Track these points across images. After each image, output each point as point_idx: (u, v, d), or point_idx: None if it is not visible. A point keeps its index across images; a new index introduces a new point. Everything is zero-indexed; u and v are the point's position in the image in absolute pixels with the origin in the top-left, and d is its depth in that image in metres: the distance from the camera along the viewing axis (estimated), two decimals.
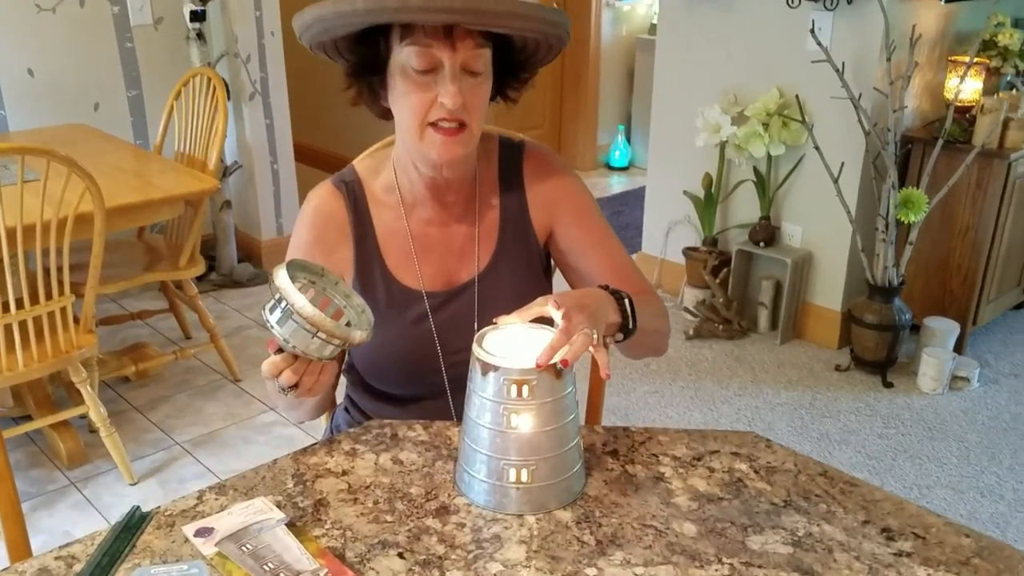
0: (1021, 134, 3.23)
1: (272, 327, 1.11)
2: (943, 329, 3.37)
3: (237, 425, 3.07)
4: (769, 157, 3.47)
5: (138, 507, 1.13)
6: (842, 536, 1.06)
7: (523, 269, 1.42)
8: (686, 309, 3.82)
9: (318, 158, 5.56)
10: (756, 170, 3.54)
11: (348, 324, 1.19)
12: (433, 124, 1.23)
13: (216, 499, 1.15)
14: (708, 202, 3.67)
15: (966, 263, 3.39)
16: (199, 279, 3.16)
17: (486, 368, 1.07)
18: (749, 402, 3.24)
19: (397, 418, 1.37)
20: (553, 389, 1.07)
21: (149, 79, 3.88)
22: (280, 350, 1.14)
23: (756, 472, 1.18)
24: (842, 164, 3.26)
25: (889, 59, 3.09)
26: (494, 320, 1.16)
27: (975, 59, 3.27)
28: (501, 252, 1.40)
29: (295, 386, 1.14)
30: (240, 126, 4.07)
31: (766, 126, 3.40)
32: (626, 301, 1.22)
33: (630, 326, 1.21)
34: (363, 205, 1.38)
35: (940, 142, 3.15)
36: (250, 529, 1.07)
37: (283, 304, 1.09)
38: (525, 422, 1.07)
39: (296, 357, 1.14)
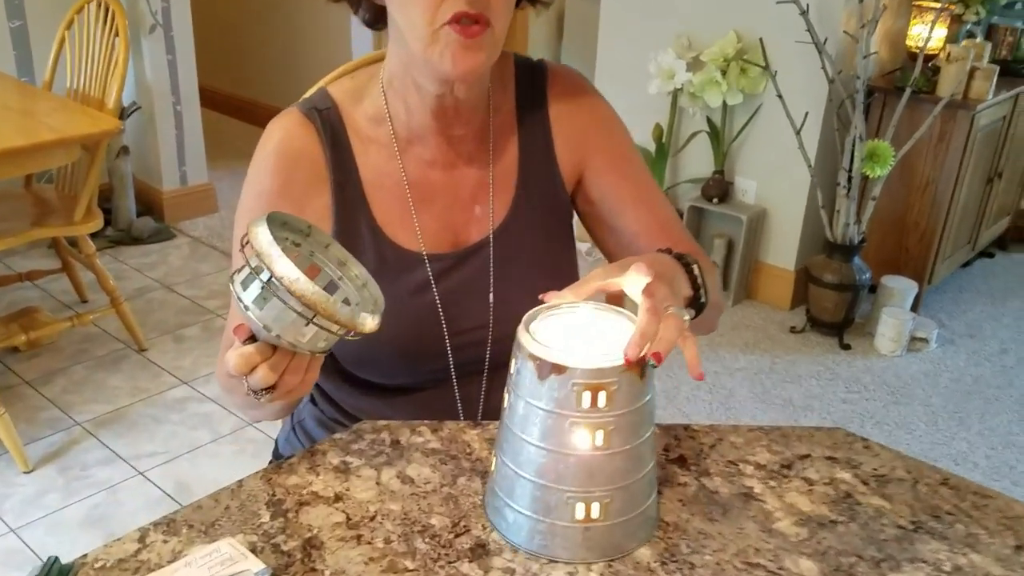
0: (985, 84, 3.09)
1: (246, 307, 0.80)
2: (901, 289, 3.24)
3: (145, 401, 2.70)
4: (725, 107, 3.25)
5: (56, 559, 0.81)
6: (998, 570, 0.83)
7: (549, 224, 1.13)
8: None
9: (225, 104, 5.08)
10: (710, 121, 3.31)
11: (347, 302, 0.88)
12: (447, 24, 0.92)
13: (164, 541, 0.84)
14: (659, 155, 3.43)
15: (925, 220, 3.26)
16: (94, 235, 2.75)
17: (546, 368, 0.78)
18: (707, 367, 3.05)
19: (384, 414, 1.07)
20: (635, 395, 0.80)
21: (34, 7, 3.38)
22: (253, 338, 0.83)
23: (864, 483, 0.94)
24: (806, 114, 3.06)
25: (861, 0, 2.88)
26: (543, 298, 0.87)
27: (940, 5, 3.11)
28: (521, 202, 1.11)
29: (272, 387, 0.84)
30: (139, 63, 3.60)
31: (723, 73, 3.17)
32: (696, 268, 0.95)
33: (702, 299, 0.94)
34: (343, 140, 1.07)
35: (908, 92, 2.97)
36: None
37: (264, 276, 0.78)
38: (598, 440, 0.79)
39: (274, 348, 0.83)
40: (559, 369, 0.78)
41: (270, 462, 1.28)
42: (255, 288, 0.79)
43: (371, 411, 1.11)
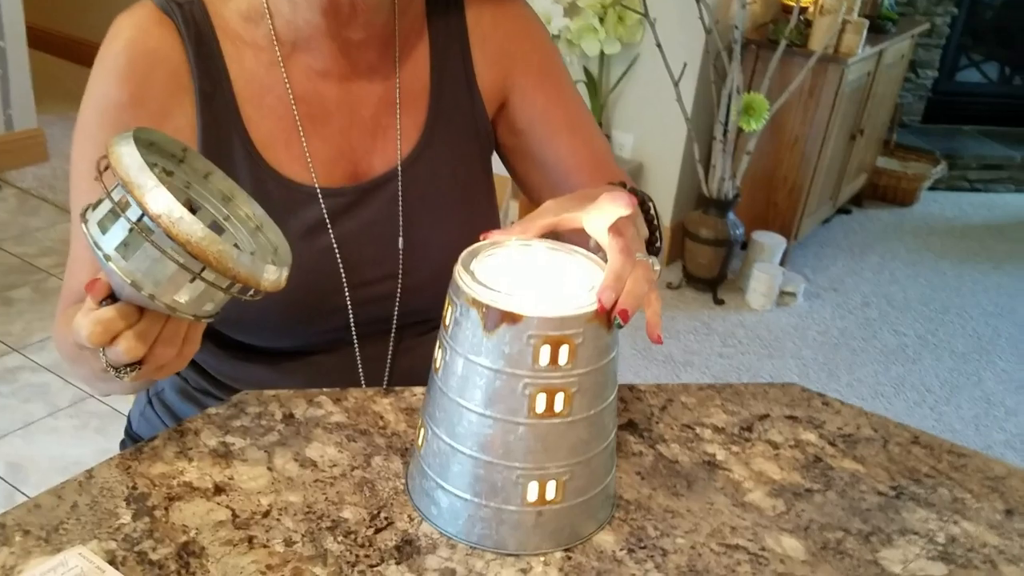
0: (856, 38, 3.10)
1: (105, 255, 0.60)
2: (772, 244, 3.24)
3: None
4: (602, 56, 3.14)
5: None
6: (994, 538, 0.74)
7: (468, 154, 0.96)
8: None
9: (58, 45, 4.58)
10: (587, 71, 3.19)
11: (239, 249, 0.70)
12: None
13: None
14: None
15: (793, 175, 3.27)
16: None
17: (494, 317, 0.62)
18: None
19: (267, 383, 0.89)
20: (601, 350, 0.65)
21: None
22: (113, 297, 0.63)
23: (832, 444, 0.83)
24: (684, 65, 2.99)
25: None
26: (483, 236, 0.71)
27: None
28: (435, 127, 0.93)
29: (139, 361, 0.65)
30: None
31: (601, 20, 3.05)
32: (652, 208, 0.81)
33: (657, 244, 0.81)
34: (211, 42, 0.86)
35: (783, 44, 2.94)
36: None
37: (133, 213, 0.59)
38: (557, 405, 0.64)
39: (142, 310, 0.63)
40: (512, 318, 0.62)
41: (122, 443, 1.07)
42: (119, 230, 0.60)
43: (250, 380, 0.92)
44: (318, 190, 0.89)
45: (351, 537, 0.67)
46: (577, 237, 0.72)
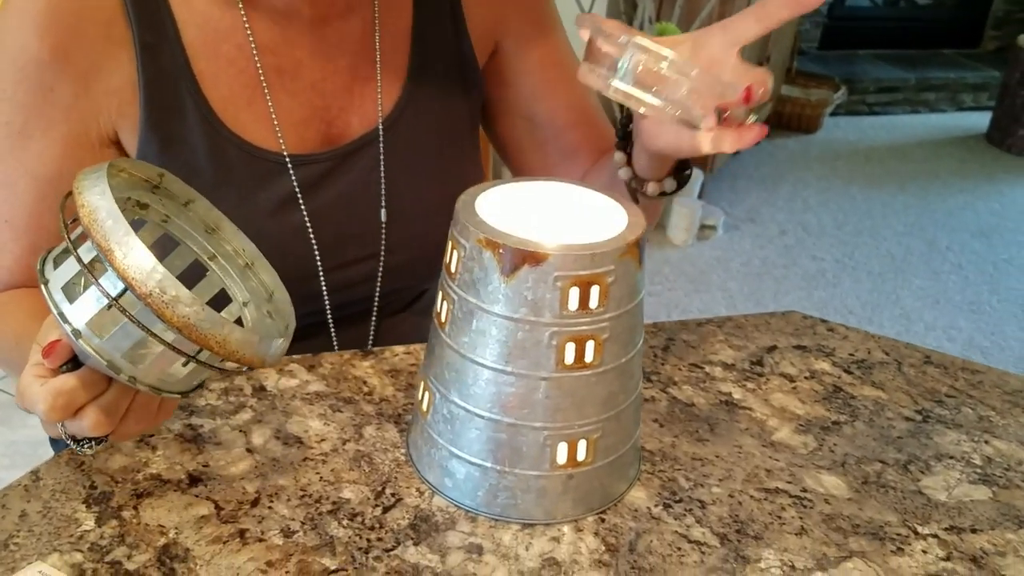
0: None
1: (74, 328, 0.49)
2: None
3: None
4: None
5: None
6: None
7: (455, 110, 0.83)
8: None
9: None
10: None
11: (227, 296, 0.60)
12: None
13: None
14: None
15: None
16: None
17: (514, 258, 0.54)
18: None
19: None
20: (632, 289, 0.58)
21: None
22: (75, 360, 0.52)
23: (847, 371, 0.79)
24: None
25: None
26: (580, 24, 0.58)
27: None
28: (419, 75, 0.81)
29: (104, 437, 0.54)
30: None
31: None
32: None
33: (686, 171, 0.73)
34: None
35: None
36: None
37: (112, 285, 0.48)
38: (588, 355, 0.57)
39: (108, 378, 0.52)
40: (534, 258, 0.54)
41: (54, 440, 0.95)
42: (91, 301, 0.48)
43: None
44: (287, 158, 0.76)
45: (358, 520, 0.59)
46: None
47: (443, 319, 0.59)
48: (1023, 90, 3.91)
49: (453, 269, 0.58)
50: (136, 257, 0.46)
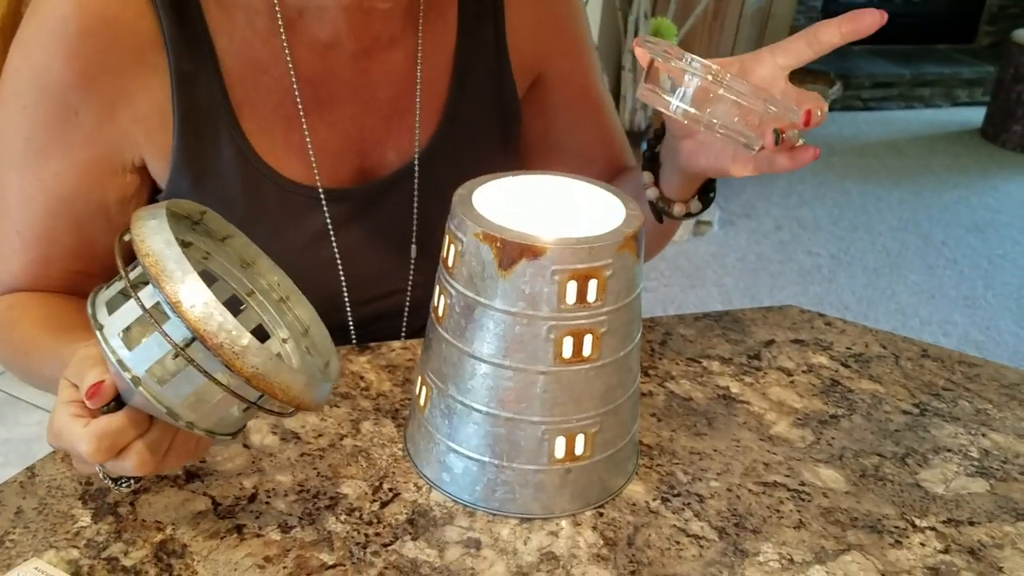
0: None
1: (134, 375, 0.48)
2: None
3: None
4: None
5: None
6: None
7: (491, 139, 0.82)
8: None
9: None
10: None
11: (264, 331, 0.60)
12: None
13: None
14: None
15: None
16: None
17: (512, 252, 0.54)
18: None
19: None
20: (630, 282, 0.58)
21: None
22: (118, 401, 0.51)
23: (845, 365, 0.79)
24: None
25: None
26: (636, 44, 0.59)
27: None
28: (458, 108, 0.79)
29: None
30: None
31: None
32: None
33: (711, 194, 0.73)
34: (192, 6, 0.69)
35: None
36: None
37: (179, 334, 0.47)
38: (586, 348, 0.57)
39: (150, 416, 0.52)
40: (532, 252, 0.54)
41: None
42: (153, 347, 0.48)
43: None
44: (321, 192, 0.74)
45: (355, 515, 0.59)
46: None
47: (440, 314, 0.59)
48: (1018, 85, 3.92)
49: (450, 263, 0.58)
50: (205, 308, 0.46)
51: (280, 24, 0.71)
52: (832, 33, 0.56)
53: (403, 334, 0.83)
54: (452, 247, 0.57)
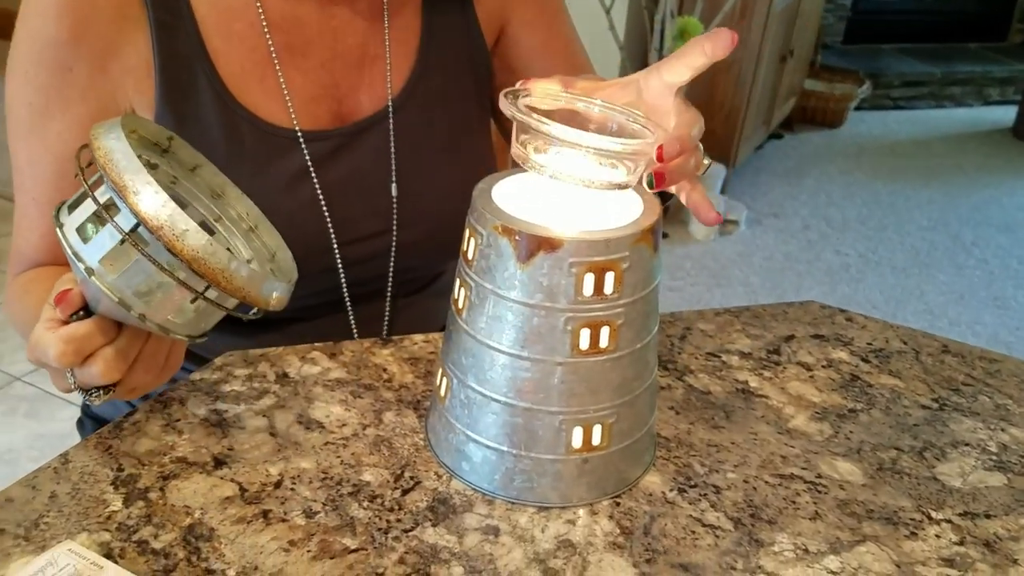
0: None
1: (88, 266, 0.52)
2: (712, 173, 3.22)
3: None
4: None
5: None
6: None
7: (463, 87, 0.86)
8: None
9: None
10: None
11: (230, 252, 0.61)
12: None
13: None
14: None
15: (729, 100, 3.24)
16: None
17: (529, 245, 0.55)
18: None
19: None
20: (647, 275, 0.59)
21: None
22: (86, 309, 0.54)
23: (865, 360, 0.79)
24: None
25: None
26: (521, 83, 0.62)
27: None
28: (428, 56, 0.83)
29: (113, 385, 0.56)
30: None
31: None
32: None
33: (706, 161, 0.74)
34: None
35: None
36: None
37: (125, 221, 0.50)
38: (603, 340, 0.58)
39: (119, 324, 0.55)
40: (550, 244, 0.55)
41: (79, 422, 0.97)
42: (105, 239, 0.51)
43: (223, 348, 0.83)
44: (299, 133, 0.78)
45: (377, 501, 0.60)
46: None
47: (460, 305, 0.61)
48: None
49: (470, 256, 0.59)
50: (148, 193, 0.49)
51: None
52: (698, 54, 0.57)
53: (390, 277, 0.85)
54: (472, 240, 0.59)
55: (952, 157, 3.94)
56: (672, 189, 0.63)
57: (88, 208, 0.53)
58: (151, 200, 0.49)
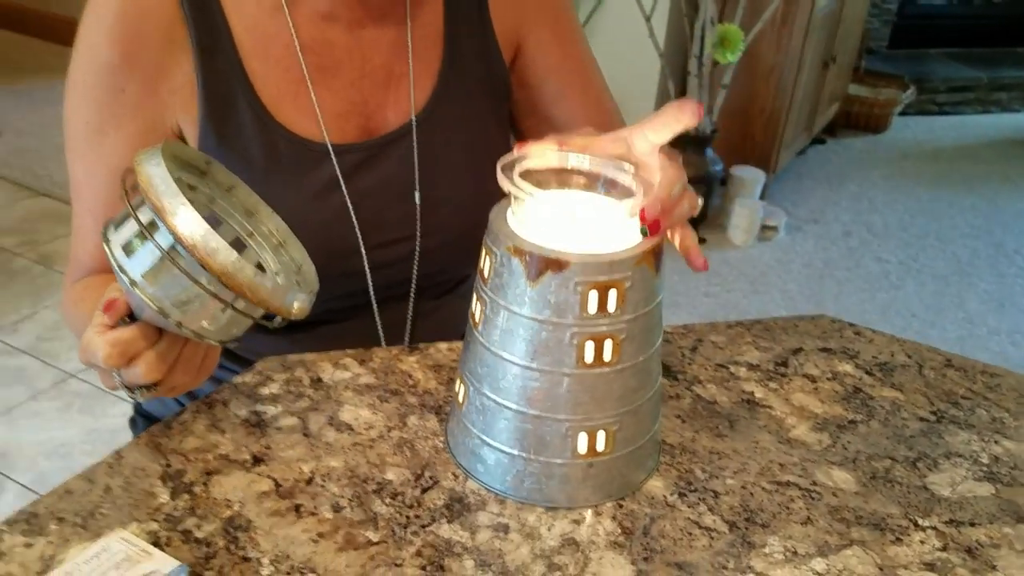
0: None
1: (132, 281, 0.58)
2: (751, 178, 3.23)
3: None
4: None
5: None
6: None
7: (483, 106, 0.91)
8: None
9: (20, 19, 4.43)
10: None
11: (261, 268, 0.68)
12: None
13: (28, 545, 0.61)
14: None
15: (770, 106, 3.25)
16: None
17: (539, 265, 0.60)
18: None
19: (286, 352, 0.86)
20: (649, 293, 0.63)
21: None
22: (131, 316, 0.61)
23: (869, 373, 0.83)
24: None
25: None
26: (517, 147, 0.67)
27: None
28: (450, 75, 0.89)
29: (155, 384, 0.63)
30: None
31: None
32: None
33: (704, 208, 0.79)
34: None
35: None
36: None
37: (164, 239, 0.57)
38: (606, 354, 0.62)
39: (160, 329, 0.61)
40: (557, 264, 0.60)
41: (132, 420, 1.04)
42: (146, 255, 0.58)
43: (265, 351, 0.89)
44: (330, 147, 0.85)
45: (399, 499, 0.66)
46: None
47: (477, 319, 0.66)
48: None
49: (486, 274, 0.64)
50: (184, 215, 0.55)
51: (283, 1, 0.82)
52: (674, 121, 0.62)
53: (414, 280, 0.91)
54: (488, 259, 0.64)
55: (997, 163, 3.90)
56: (667, 234, 0.67)
57: (132, 227, 0.59)
58: (187, 221, 0.56)
